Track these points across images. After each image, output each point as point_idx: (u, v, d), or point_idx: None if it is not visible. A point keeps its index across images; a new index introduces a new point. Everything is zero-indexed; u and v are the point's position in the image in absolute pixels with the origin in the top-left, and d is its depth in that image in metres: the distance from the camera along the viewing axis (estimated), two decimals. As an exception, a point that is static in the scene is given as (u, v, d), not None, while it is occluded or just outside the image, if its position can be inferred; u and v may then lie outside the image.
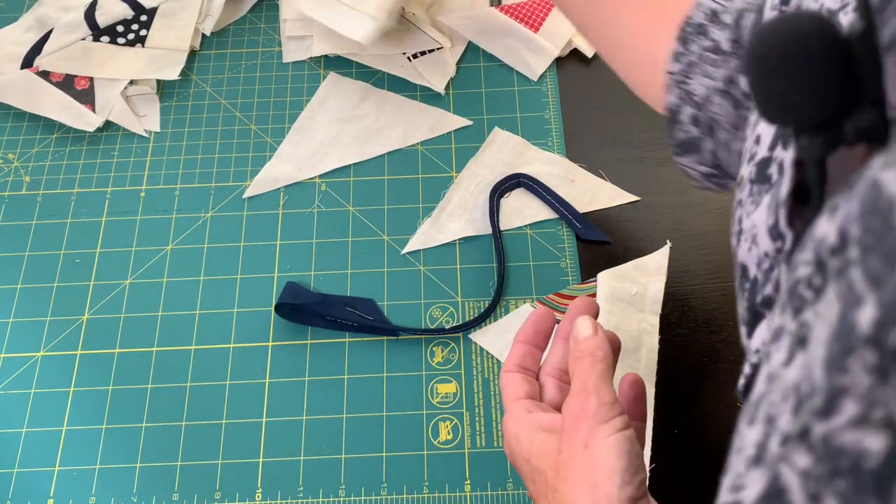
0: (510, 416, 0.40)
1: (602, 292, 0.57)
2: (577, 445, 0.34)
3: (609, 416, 0.35)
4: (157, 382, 0.56)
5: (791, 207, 0.25)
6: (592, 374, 0.37)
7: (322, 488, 0.52)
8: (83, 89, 0.68)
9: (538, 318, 0.44)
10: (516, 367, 0.42)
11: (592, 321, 0.40)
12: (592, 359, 0.38)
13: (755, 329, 0.28)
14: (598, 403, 0.35)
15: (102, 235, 0.62)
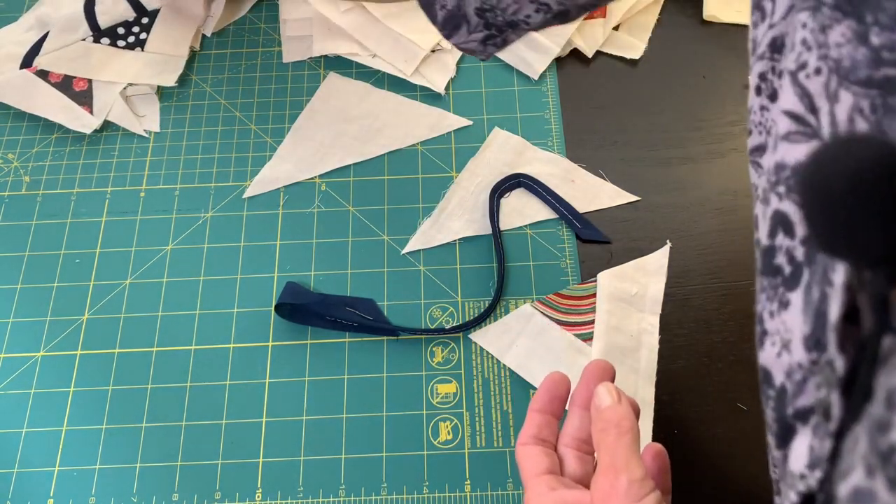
0: (532, 493, 0.38)
1: (602, 292, 0.57)
2: None
3: (641, 494, 0.34)
4: (157, 382, 0.56)
5: (842, 329, 0.23)
6: (620, 448, 0.35)
7: (322, 488, 0.52)
8: (81, 90, 0.68)
9: (553, 385, 0.42)
10: (533, 438, 0.40)
11: (614, 388, 0.38)
12: (618, 430, 0.36)
13: (789, 444, 0.27)
14: (628, 481, 0.34)
15: (102, 235, 0.62)
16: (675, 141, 0.65)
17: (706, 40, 0.71)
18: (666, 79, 0.69)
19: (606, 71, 0.70)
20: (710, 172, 0.64)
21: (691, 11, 0.73)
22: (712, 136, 0.66)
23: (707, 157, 0.65)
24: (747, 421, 0.53)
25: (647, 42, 0.71)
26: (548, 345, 0.55)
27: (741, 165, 0.64)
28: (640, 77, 0.69)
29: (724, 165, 0.64)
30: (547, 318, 0.57)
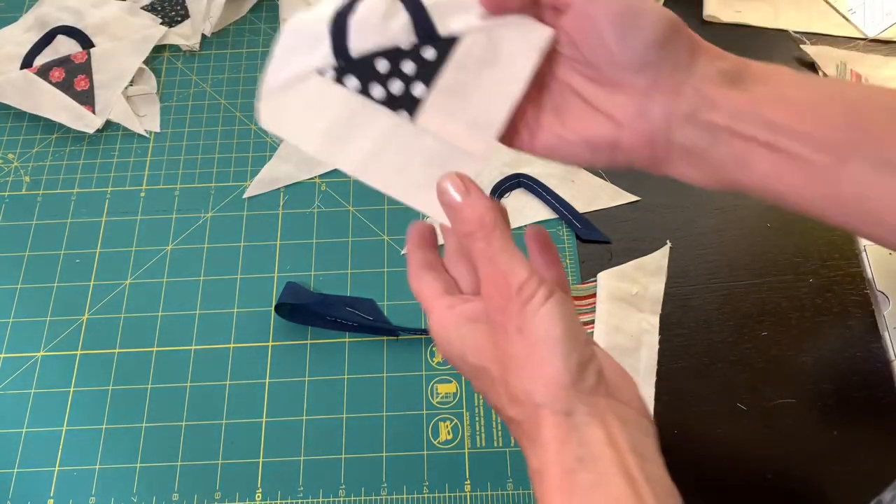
0: (433, 317, 0.36)
1: (602, 292, 0.57)
2: (511, 334, 0.31)
3: (530, 293, 0.31)
4: (157, 382, 0.56)
5: None
6: (493, 250, 0.32)
7: (322, 488, 0.52)
8: (83, 90, 0.68)
9: (417, 224, 0.40)
10: (421, 268, 0.38)
11: (456, 179, 0.34)
12: (484, 231, 0.32)
13: None
14: (516, 285, 0.31)
15: (102, 235, 0.62)
16: (675, 141, 0.65)
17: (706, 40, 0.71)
18: (666, 79, 0.69)
19: (606, 71, 0.70)
20: (710, 172, 0.64)
21: (691, 11, 0.73)
22: (712, 136, 0.66)
23: (707, 157, 0.65)
24: (747, 421, 0.53)
25: (647, 42, 0.71)
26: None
27: (741, 165, 0.64)
28: (640, 77, 0.69)
29: (724, 165, 0.64)
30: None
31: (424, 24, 0.35)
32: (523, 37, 0.35)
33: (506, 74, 0.35)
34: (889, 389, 0.54)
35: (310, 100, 0.37)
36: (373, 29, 0.35)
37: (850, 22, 0.72)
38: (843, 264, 0.59)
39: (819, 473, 0.51)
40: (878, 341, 0.56)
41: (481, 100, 0.35)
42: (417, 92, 0.35)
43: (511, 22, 0.35)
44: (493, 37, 0.35)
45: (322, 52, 0.36)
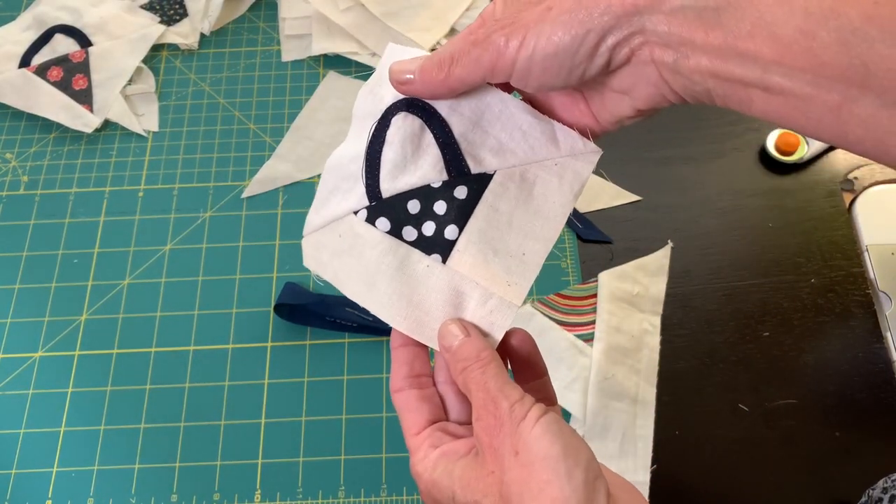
0: (416, 459, 0.34)
1: (603, 292, 0.57)
2: (507, 458, 0.30)
3: (523, 412, 0.30)
4: (155, 383, 0.56)
5: None
6: (488, 380, 0.32)
7: (321, 489, 0.52)
8: (81, 89, 0.68)
9: None
10: (406, 380, 0.36)
11: (459, 323, 0.34)
12: (481, 363, 0.32)
13: None
14: (508, 406, 0.31)
15: (100, 235, 0.62)
16: (676, 140, 0.65)
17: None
18: (667, 78, 0.69)
19: (607, 70, 0.69)
20: (711, 172, 0.63)
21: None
22: (713, 135, 0.65)
23: (708, 156, 0.64)
24: (749, 421, 0.53)
25: (647, 41, 0.70)
26: (548, 346, 0.55)
27: (743, 165, 0.64)
28: (641, 76, 0.69)
29: (725, 165, 0.64)
30: (547, 319, 0.56)
31: (455, 160, 0.34)
32: (558, 178, 0.34)
33: (540, 217, 0.34)
34: (891, 390, 0.54)
35: (345, 241, 0.36)
36: (403, 168, 0.34)
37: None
38: (845, 264, 0.59)
39: (821, 474, 0.51)
40: (880, 342, 0.56)
41: (516, 243, 0.34)
42: (449, 234, 0.34)
43: (545, 154, 0.34)
44: (527, 175, 0.34)
45: (358, 192, 0.35)
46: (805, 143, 0.63)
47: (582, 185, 0.34)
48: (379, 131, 0.35)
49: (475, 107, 0.34)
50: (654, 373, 0.54)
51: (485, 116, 0.34)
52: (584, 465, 0.29)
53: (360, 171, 0.35)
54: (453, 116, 0.34)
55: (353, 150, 0.36)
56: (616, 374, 0.53)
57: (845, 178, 0.63)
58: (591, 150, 0.34)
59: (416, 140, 0.34)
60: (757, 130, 0.65)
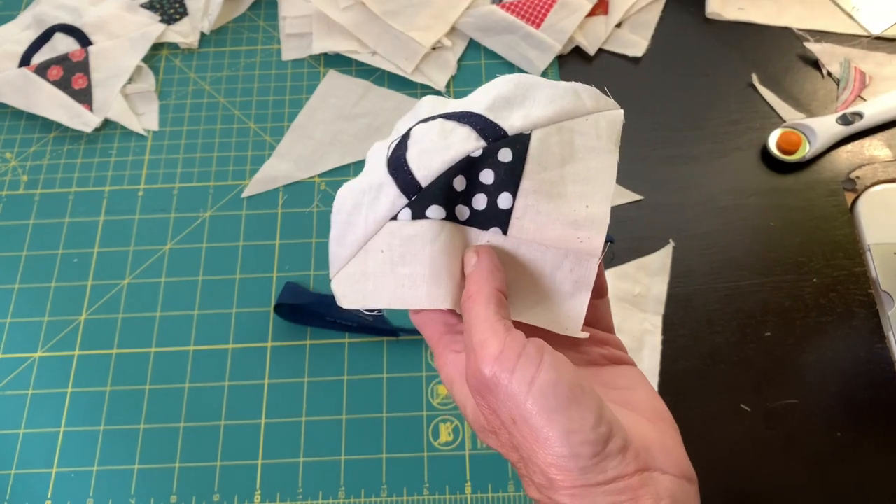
0: (439, 363, 0.32)
1: None
2: (508, 426, 0.27)
3: (511, 364, 0.27)
4: (155, 383, 0.55)
5: None
6: (473, 318, 0.28)
7: (321, 490, 0.52)
8: (80, 88, 0.68)
9: None
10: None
11: (472, 250, 0.31)
12: (471, 299, 0.29)
13: None
14: (494, 354, 0.27)
15: (100, 235, 0.62)
16: (677, 139, 0.65)
17: (709, 38, 0.71)
18: (668, 77, 0.68)
19: (608, 69, 0.69)
20: (712, 171, 0.63)
21: (694, 9, 0.72)
22: (715, 134, 0.65)
23: (710, 155, 0.64)
24: (750, 422, 0.53)
25: (649, 40, 0.70)
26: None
27: (744, 164, 0.64)
28: (643, 75, 0.69)
29: (726, 164, 0.64)
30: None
31: (487, 126, 0.32)
32: (594, 126, 0.34)
33: (591, 166, 0.33)
34: (893, 390, 0.53)
35: (393, 253, 0.32)
36: (434, 150, 0.31)
37: (854, 19, 0.71)
38: (848, 264, 0.59)
39: (822, 475, 0.51)
40: (883, 342, 0.55)
41: (576, 197, 0.32)
42: (503, 203, 0.31)
43: (573, 109, 0.33)
44: (564, 127, 0.33)
45: (389, 197, 0.32)
46: (807, 142, 0.63)
47: (618, 130, 0.34)
48: (398, 145, 0.33)
49: (503, 87, 0.33)
50: (655, 373, 0.54)
51: (511, 90, 0.33)
52: (591, 418, 0.26)
53: (385, 174, 0.32)
54: (475, 104, 0.33)
55: (369, 179, 0.33)
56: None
57: (847, 178, 0.63)
58: (612, 105, 0.34)
59: (440, 127, 0.32)
60: (759, 129, 0.65)
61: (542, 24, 0.69)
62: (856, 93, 0.66)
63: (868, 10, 0.71)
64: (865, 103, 0.65)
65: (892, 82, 0.67)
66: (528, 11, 0.69)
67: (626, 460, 0.27)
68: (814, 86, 0.67)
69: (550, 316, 0.31)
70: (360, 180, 0.34)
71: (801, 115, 0.65)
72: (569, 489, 0.26)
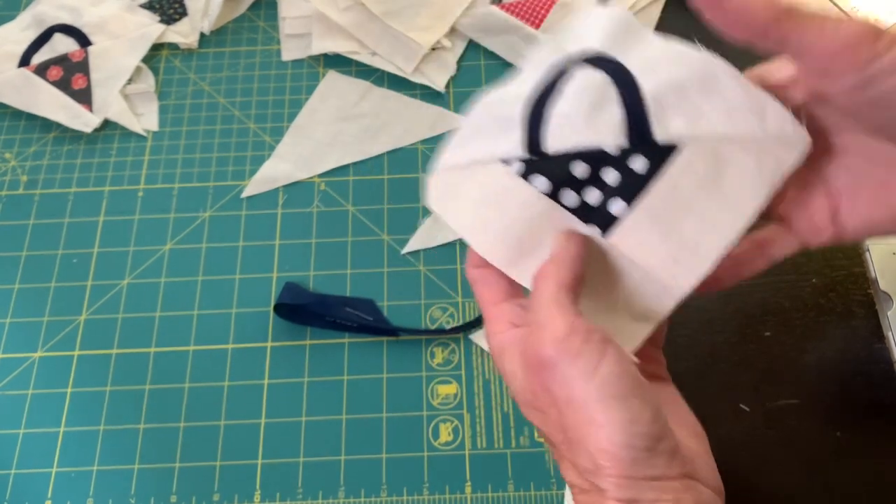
0: (492, 331, 0.31)
1: None
2: (562, 407, 0.27)
3: (576, 348, 0.27)
4: (155, 383, 0.56)
5: None
6: (537, 298, 0.29)
7: (321, 490, 0.52)
8: (80, 88, 0.68)
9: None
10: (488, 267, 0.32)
11: (567, 234, 0.30)
12: (545, 278, 0.29)
13: None
14: (552, 340, 0.27)
15: (100, 235, 0.62)
16: (676, 140, 0.65)
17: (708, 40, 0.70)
18: (667, 77, 0.68)
19: (608, 69, 0.69)
20: (712, 171, 0.63)
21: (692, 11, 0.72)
22: (714, 134, 0.65)
23: (709, 156, 0.64)
24: (750, 421, 0.53)
25: (648, 40, 0.70)
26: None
27: (743, 164, 0.64)
28: (642, 75, 0.69)
29: (726, 164, 0.64)
30: None
31: (639, 125, 0.29)
32: (757, 162, 0.29)
33: (727, 205, 0.29)
34: (893, 390, 0.54)
35: (488, 190, 0.31)
36: (576, 125, 0.29)
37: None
38: (847, 264, 0.59)
39: (822, 475, 0.51)
40: (882, 342, 0.55)
41: (691, 231, 0.29)
42: (615, 209, 0.30)
43: (747, 130, 0.29)
44: (721, 153, 0.29)
45: (512, 139, 0.30)
46: (806, 142, 0.63)
47: (783, 176, 0.29)
48: (553, 78, 0.30)
49: (676, 68, 0.30)
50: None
51: (684, 78, 0.30)
52: (648, 415, 0.27)
53: (522, 116, 0.30)
54: (648, 76, 0.30)
55: (517, 91, 0.31)
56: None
57: (846, 178, 0.63)
58: (800, 137, 0.29)
59: (597, 95, 0.29)
60: (758, 130, 0.65)
61: (542, 24, 0.69)
62: (855, 93, 0.66)
63: (867, 11, 0.71)
64: (864, 104, 0.65)
65: (891, 83, 0.67)
66: (527, 12, 0.69)
67: (675, 462, 0.27)
68: (813, 86, 0.68)
69: (609, 328, 0.29)
70: (508, 91, 0.32)
71: (800, 115, 0.66)
72: (615, 477, 0.27)
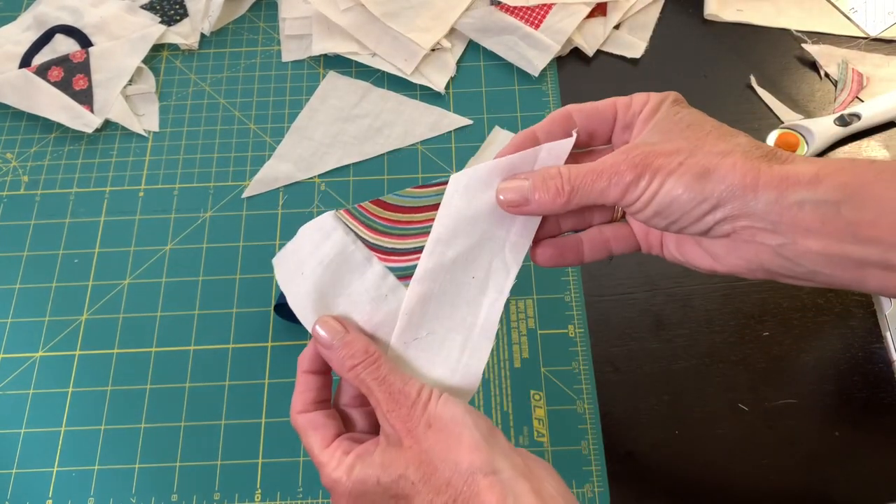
0: (330, 468, 0.35)
1: (452, 204, 0.39)
2: (422, 432, 0.33)
3: (428, 394, 0.34)
4: (155, 383, 0.56)
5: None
6: (386, 375, 0.34)
7: (322, 489, 0.52)
8: (81, 89, 0.68)
9: (324, 341, 0.37)
10: (313, 405, 0.37)
11: (332, 320, 0.36)
12: (371, 358, 0.35)
13: None
14: (415, 393, 0.34)
15: (101, 235, 0.62)
16: (675, 140, 0.65)
17: (707, 39, 0.71)
18: (667, 78, 0.69)
19: (607, 70, 0.70)
20: (711, 172, 0.63)
21: (692, 10, 0.73)
22: (713, 135, 0.65)
23: (708, 156, 0.64)
24: (749, 421, 0.53)
25: (647, 41, 0.71)
26: (343, 278, 0.38)
27: (742, 165, 0.64)
28: (641, 76, 0.69)
29: (725, 165, 0.64)
30: (353, 235, 0.39)
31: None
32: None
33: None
34: (890, 390, 0.54)
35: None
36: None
37: (852, 21, 0.71)
38: (845, 264, 0.59)
39: (820, 474, 0.51)
40: (880, 342, 0.56)
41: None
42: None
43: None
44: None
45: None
46: (805, 143, 0.63)
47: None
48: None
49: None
50: (491, 335, 0.38)
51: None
52: (483, 418, 0.34)
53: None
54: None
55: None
56: (435, 332, 0.38)
57: (845, 178, 0.63)
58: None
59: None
60: (757, 131, 0.65)
61: (542, 24, 0.69)
62: (853, 94, 0.66)
63: (865, 12, 0.72)
64: (863, 104, 0.65)
65: (890, 83, 0.67)
66: (527, 12, 0.70)
67: (508, 442, 0.35)
68: (811, 87, 0.68)
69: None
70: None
71: (799, 116, 0.66)
72: (479, 458, 0.33)
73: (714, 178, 0.31)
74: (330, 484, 0.35)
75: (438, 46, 0.70)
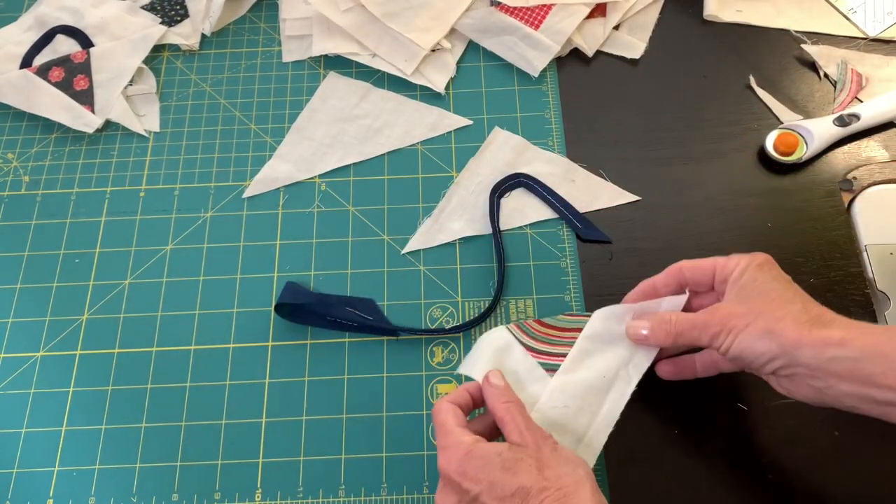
0: (459, 434, 0.44)
1: (591, 330, 0.51)
2: (547, 454, 0.42)
3: (554, 441, 0.43)
4: (156, 382, 0.56)
5: None
6: (525, 416, 0.44)
7: (322, 488, 0.52)
8: (82, 90, 0.68)
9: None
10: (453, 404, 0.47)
11: (500, 373, 0.48)
12: (518, 401, 0.46)
13: None
14: (547, 435, 0.43)
15: (102, 235, 0.62)
16: (675, 140, 0.65)
17: (707, 40, 0.71)
18: (666, 78, 0.69)
19: (607, 70, 0.70)
20: (710, 172, 0.64)
21: (692, 11, 0.73)
22: (713, 135, 0.65)
23: (707, 156, 0.64)
24: (748, 421, 0.53)
25: (647, 41, 0.71)
26: (504, 362, 0.50)
27: (742, 165, 0.64)
28: (641, 77, 0.69)
29: (724, 165, 0.64)
30: (517, 342, 0.51)
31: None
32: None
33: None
34: (890, 389, 0.54)
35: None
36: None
37: (851, 21, 0.72)
38: (844, 264, 0.59)
39: (820, 473, 0.51)
40: (879, 341, 0.56)
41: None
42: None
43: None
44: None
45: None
46: (804, 143, 0.63)
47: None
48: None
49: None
50: (612, 421, 0.48)
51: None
52: (587, 467, 0.42)
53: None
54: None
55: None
56: (569, 407, 0.48)
57: (844, 178, 0.63)
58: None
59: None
60: (756, 131, 0.65)
61: (541, 25, 0.69)
62: (852, 94, 0.66)
63: (865, 12, 0.72)
64: (862, 105, 0.65)
65: (889, 84, 0.67)
66: (527, 13, 0.70)
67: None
68: (811, 87, 0.68)
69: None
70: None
71: (799, 116, 0.66)
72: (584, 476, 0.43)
73: (770, 337, 0.42)
74: (454, 444, 0.43)
75: (438, 47, 0.70)
